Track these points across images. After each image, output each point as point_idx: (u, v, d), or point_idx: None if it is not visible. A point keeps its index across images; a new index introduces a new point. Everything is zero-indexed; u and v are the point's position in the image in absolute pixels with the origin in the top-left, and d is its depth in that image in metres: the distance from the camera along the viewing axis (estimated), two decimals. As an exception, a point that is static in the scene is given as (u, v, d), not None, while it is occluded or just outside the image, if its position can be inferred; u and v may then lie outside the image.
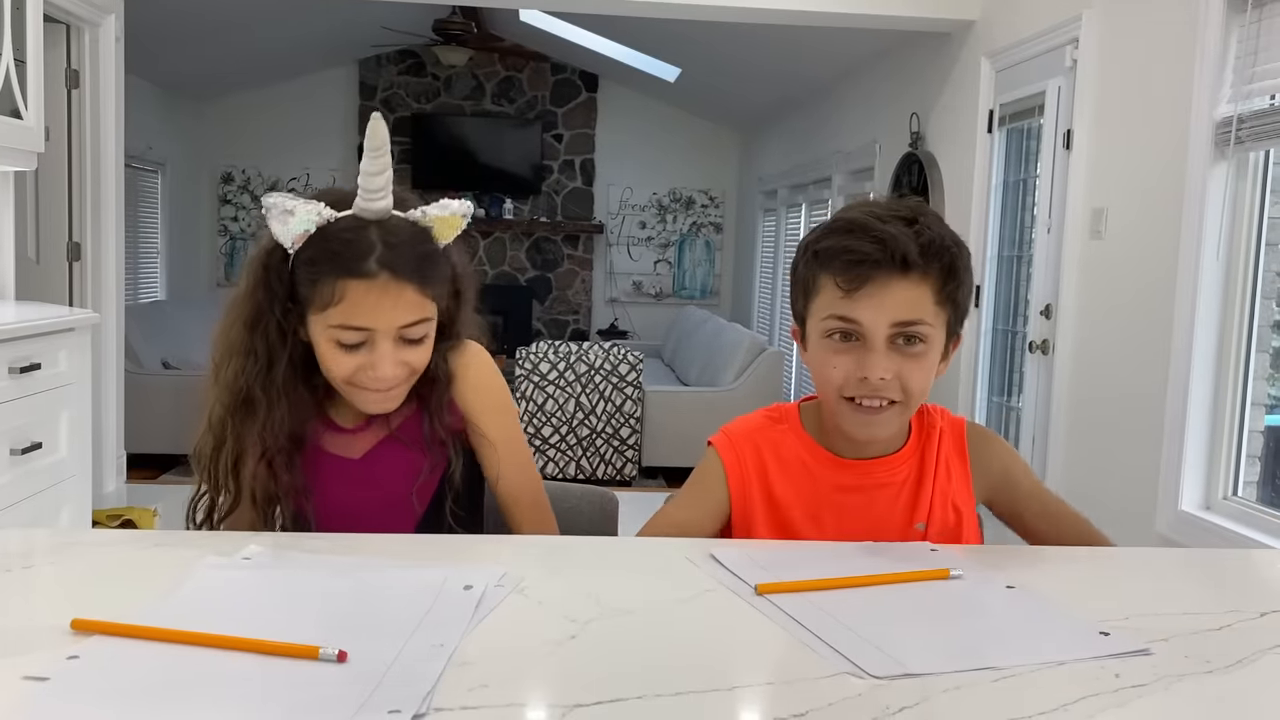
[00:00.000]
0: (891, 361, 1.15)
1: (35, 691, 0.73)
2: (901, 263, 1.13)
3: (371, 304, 1.18)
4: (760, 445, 1.27)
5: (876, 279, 1.13)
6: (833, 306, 1.16)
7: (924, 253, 1.14)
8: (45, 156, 3.30)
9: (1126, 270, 3.16)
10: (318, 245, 1.19)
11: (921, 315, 1.15)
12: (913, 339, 1.16)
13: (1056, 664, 0.83)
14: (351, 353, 1.21)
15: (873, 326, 1.15)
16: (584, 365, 5.22)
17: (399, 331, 1.21)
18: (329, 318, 1.19)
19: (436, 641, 0.83)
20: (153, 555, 1.05)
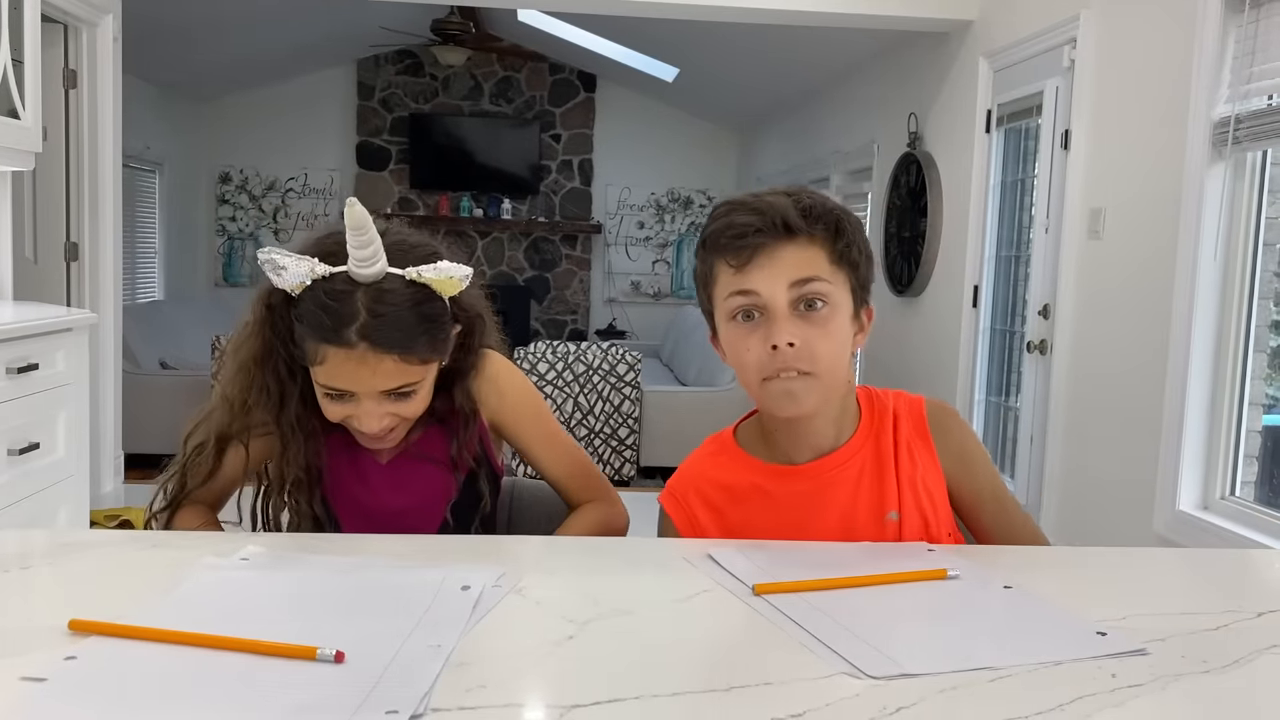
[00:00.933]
0: (796, 327, 1.13)
1: (33, 692, 0.73)
2: (785, 227, 1.14)
3: (350, 371, 1.19)
4: (704, 487, 1.25)
5: (765, 247, 1.13)
6: (729, 285, 1.16)
7: (805, 215, 1.14)
8: (43, 156, 3.30)
9: (1124, 270, 3.16)
10: (308, 301, 1.19)
11: (816, 272, 1.14)
12: (813, 301, 1.14)
13: (1053, 664, 0.83)
14: (339, 403, 1.23)
15: (771, 294, 1.14)
16: (582, 365, 5.22)
17: (383, 394, 1.22)
18: (315, 374, 1.22)
19: (434, 642, 0.83)
20: (150, 555, 1.05)
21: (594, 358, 5.24)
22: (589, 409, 5.23)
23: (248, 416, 1.30)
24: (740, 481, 1.23)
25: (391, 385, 1.21)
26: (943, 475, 1.23)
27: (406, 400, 1.24)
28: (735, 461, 1.25)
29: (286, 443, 1.28)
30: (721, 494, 1.24)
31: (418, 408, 1.26)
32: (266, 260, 1.20)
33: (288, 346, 1.24)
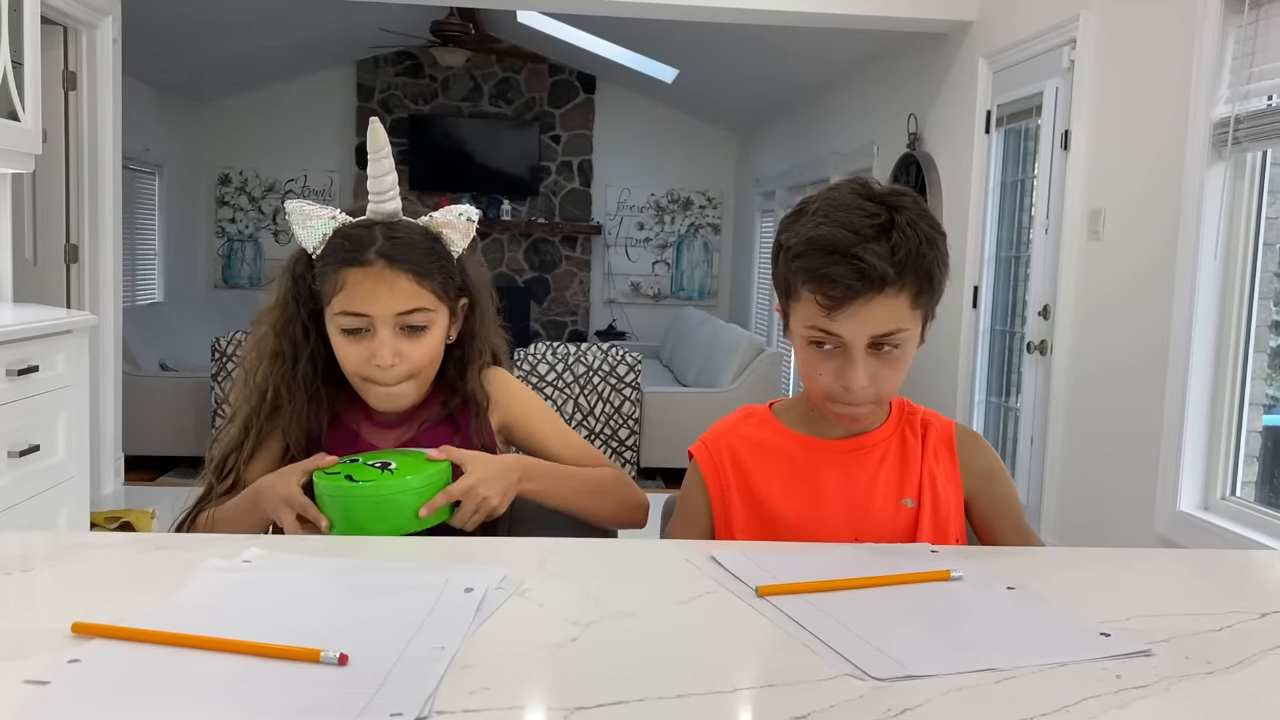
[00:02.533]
0: (869, 368, 1.20)
1: (36, 696, 0.73)
2: (879, 283, 1.16)
3: (367, 290, 1.26)
4: (735, 443, 1.32)
5: (857, 299, 1.16)
6: (813, 319, 1.19)
7: (900, 269, 1.16)
8: (42, 158, 3.30)
9: (1124, 271, 3.16)
10: (330, 243, 1.30)
11: (898, 325, 1.19)
12: (888, 346, 1.20)
13: (1058, 665, 0.83)
14: (356, 341, 1.28)
15: (852, 339, 1.18)
16: (582, 366, 5.22)
17: (397, 319, 1.27)
18: (334, 307, 1.28)
19: (438, 644, 0.83)
20: (152, 558, 1.05)
21: (594, 359, 5.24)
22: (589, 410, 5.23)
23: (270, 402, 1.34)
24: (770, 443, 1.30)
25: (406, 305, 1.27)
26: (961, 491, 1.30)
27: (418, 339, 1.30)
28: (768, 426, 1.33)
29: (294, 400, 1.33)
30: (751, 451, 1.30)
31: (426, 353, 1.31)
32: (295, 209, 1.30)
33: (309, 309, 1.33)
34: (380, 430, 1.40)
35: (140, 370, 5.24)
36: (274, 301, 1.36)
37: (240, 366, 1.40)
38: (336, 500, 1.20)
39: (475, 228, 1.36)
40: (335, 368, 1.34)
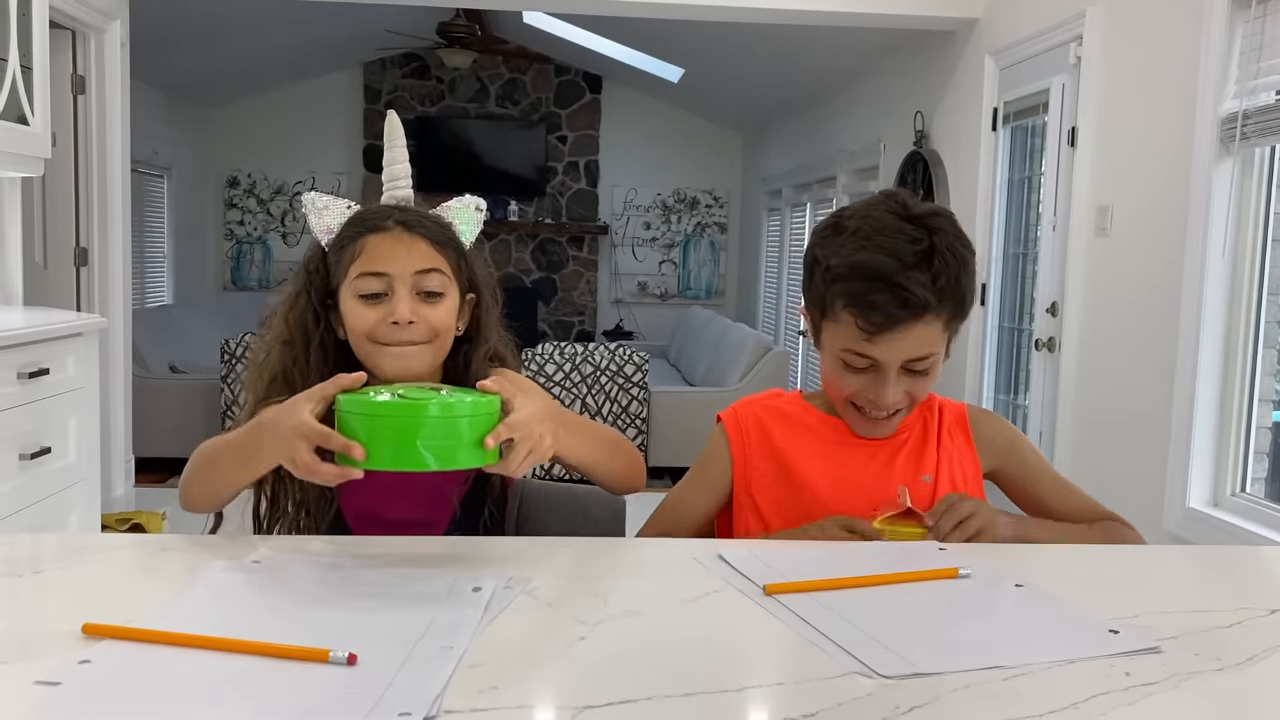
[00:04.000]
0: (901, 385, 1.26)
1: (47, 696, 0.74)
2: (920, 311, 1.21)
3: (387, 250, 1.28)
4: (762, 414, 1.37)
5: (898, 325, 1.21)
6: (851, 343, 1.24)
7: (940, 297, 1.21)
8: (52, 162, 3.31)
9: (1132, 267, 3.15)
10: (347, 224, 1.32)
11: (933, 349, 1.25)
12: (920, 370, 1.26)
13: (1066, 663, 0.83)
14: (374, 305, 1.28)
15: (888, 362, 1.24)
16: (589, 366, 5.23)
17: (415, 280, 1.28)
18: (352, 273, 1.29)
19: (446, 644, 0.83)
20: (162, 559, 1.06)
21: (601, 358, 5.24)
22: (596, 410, 5.23)
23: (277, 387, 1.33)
24: (798, 417, 1.36)
25: (422, 265, 1.28)
26: (979, 468, 1.36)
27: (435, 304, 1.30)
28: (798, 405, 1.39)
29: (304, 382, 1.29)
30: (778, 422, 1.36)
31: (443, 318, 1.31)
32: (311, 200, 1.34)
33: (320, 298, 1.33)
34: None
35: (150, 372, 5.26)
36: (288, 294, 1.37)
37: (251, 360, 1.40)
38: (385, 421, 1.02)
39: (484, 218, 1.40)
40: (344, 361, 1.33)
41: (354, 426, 1.03)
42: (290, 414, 1.07)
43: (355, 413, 1.03)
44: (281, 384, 1.33)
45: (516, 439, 1.07)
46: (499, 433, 1.05)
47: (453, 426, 1.03)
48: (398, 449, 1.01)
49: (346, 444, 1.02)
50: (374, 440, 1.01)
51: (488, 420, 1.05)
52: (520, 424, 1.07)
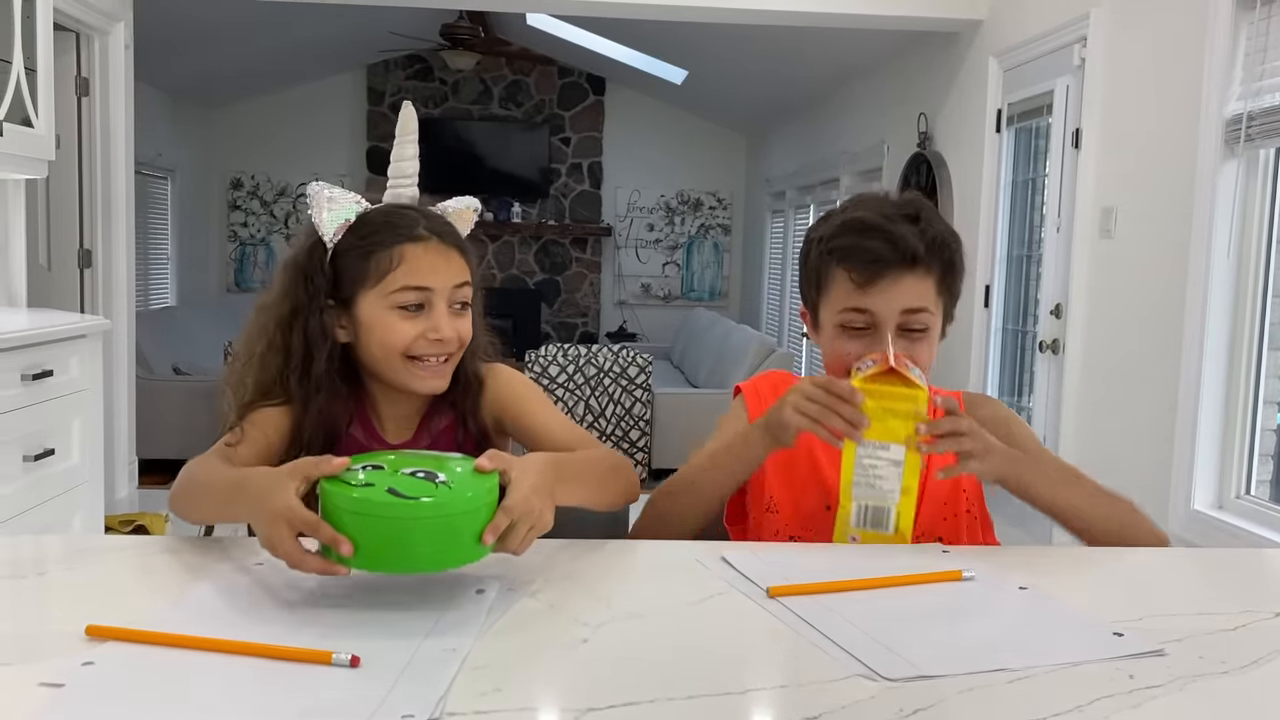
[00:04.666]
0: (899, 346, 1.25)
1: (51, 698, 0.74)
2: (910, 259, 1.25)
3: (429, 263, 1.25)
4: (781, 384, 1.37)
5: (889, 275, 1.25)
6: (848, 299, 1.27)
7: (929, 249, 1.26)
8: (56, 164, 3.31)
9: (1137, 269, 3.15)
10: (363, 226, 1.26)
11: (926, 304, 1.27)
12: (915, 328, 1.27)
13: (1070, 665, 0.83)
14: (412, 318, 1.25)
15: (884, 315, 1.26)
16: (593, 368, 5.23)
17: (451, 293, 1.27)
18: (388, 284, 1.24)
19: (449, 646, 0.83)
20: (165, 561, 1.06)
21: (605, 360, 5.24)
22: (600, 411, 5.23)
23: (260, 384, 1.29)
24: None
25: (460, 278, 1.28)
26: None
27: (463, 316, 1.29)
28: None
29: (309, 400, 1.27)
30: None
31: (469, 329, 1.30)
32: (317, 192, 1.27)
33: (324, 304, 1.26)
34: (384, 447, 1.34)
35: (153, 374, 5.27)
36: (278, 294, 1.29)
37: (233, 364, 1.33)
38: (376, 522, 0.92)
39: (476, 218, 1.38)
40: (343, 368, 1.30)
41: (340, 521, 0.92)
42: (274, 493, 0.96)
43: (343, 507, 0.93)
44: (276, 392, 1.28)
45: (516, 519, 0.98)
46: (497, 525, 0.97)
47: (449, 526, 0.93)
48: (389, 550, 0.92)
49: (335, 538, 0.92)
50: (362, 538, 0.92)
51: (487, 510, 0.96)
52: (517, 506, 0.99)
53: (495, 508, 0.97)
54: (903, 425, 1.13)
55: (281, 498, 0.95)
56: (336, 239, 1.26)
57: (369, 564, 0.92)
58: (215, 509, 1.13)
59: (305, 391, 1.28)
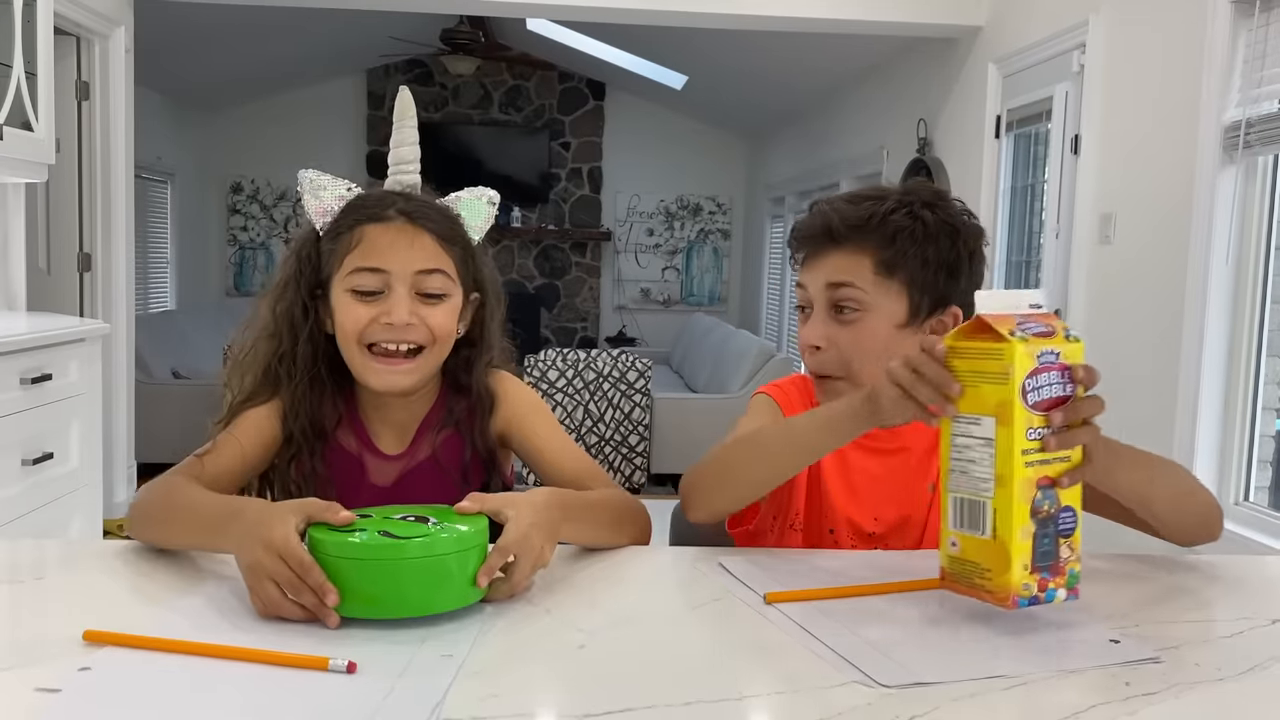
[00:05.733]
0: (827, 328, 1.23)
1: (47, 703, 0.74)
2: (830, 234, 1.22)
3: (387, 243, 1.18)
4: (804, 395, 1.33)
5: (815, 251, 1.25)
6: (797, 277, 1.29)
7: (856, 226, 1.21)
8: (56, 168, 3.32)
9: (1136, 275, 3.15)
10: (344, 209, 1.23)
11: (852, 279, 1.21)
12: (844, 307, 1.22)
13: (1067, 672, 0.83)
14: (367, 302, 1.18)
15: (815, 291, 1.25)
16: (592, 373, 5.23)
17: (415, 279, 1.19)
18: (346, 266, 1.19)
19: (446, 652, 0.83)
20: (164, 566, 1.06)
21: (604, 365, 5.24)
22: (599, 416, 5.23)
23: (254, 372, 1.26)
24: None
25: (425, 264, 1.19)
26: None
27: (435, 305, 1.20)
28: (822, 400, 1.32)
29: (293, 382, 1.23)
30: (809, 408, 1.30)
31: (442, 321, 1.21)
32: (308, 178, 1.24)
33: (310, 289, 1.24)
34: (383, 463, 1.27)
35: (153, 378, 5.27)
36: (276, 281, 1.27)
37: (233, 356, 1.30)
38: (376, 566, 0.89)
39: (495, 212, 1.31)
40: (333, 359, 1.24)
41: (332, 568, 0.89)
42: (272, 524, 0.91)
43: (334, 554, 0.89)
44: (265, 383, 1.25)
45: (518, 555, 0.95)
46: (490, 565, 0.93)
47: (446, 566, 0.91)
48: (382, 594, 0.89)
49: (324, 586, 0.88)
50: (354, 583, 0.89)
51: (478, 551, 0.93)
52: (515, 543, 0.95)
53: (486, 548, 0.95)
54: (993, 390, 0.88)
55: (279, 529, 0.90)
56: (326, 221, 1.23)
57: (361, 610, 0.89)
58: (194, 534, 1.05)
59: (289, 374, 1.23)
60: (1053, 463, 0.89)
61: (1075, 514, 0.90)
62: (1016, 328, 0.88)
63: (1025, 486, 0.87)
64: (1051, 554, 0.89)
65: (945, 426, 0.93)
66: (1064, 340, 0.89)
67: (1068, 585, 0.90)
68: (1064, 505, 0.89)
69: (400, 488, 1.27)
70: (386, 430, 1.29)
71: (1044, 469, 0.88)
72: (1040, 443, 0.88)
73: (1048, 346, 0.88)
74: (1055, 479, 0.89)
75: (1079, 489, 0.91)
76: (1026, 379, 0.86)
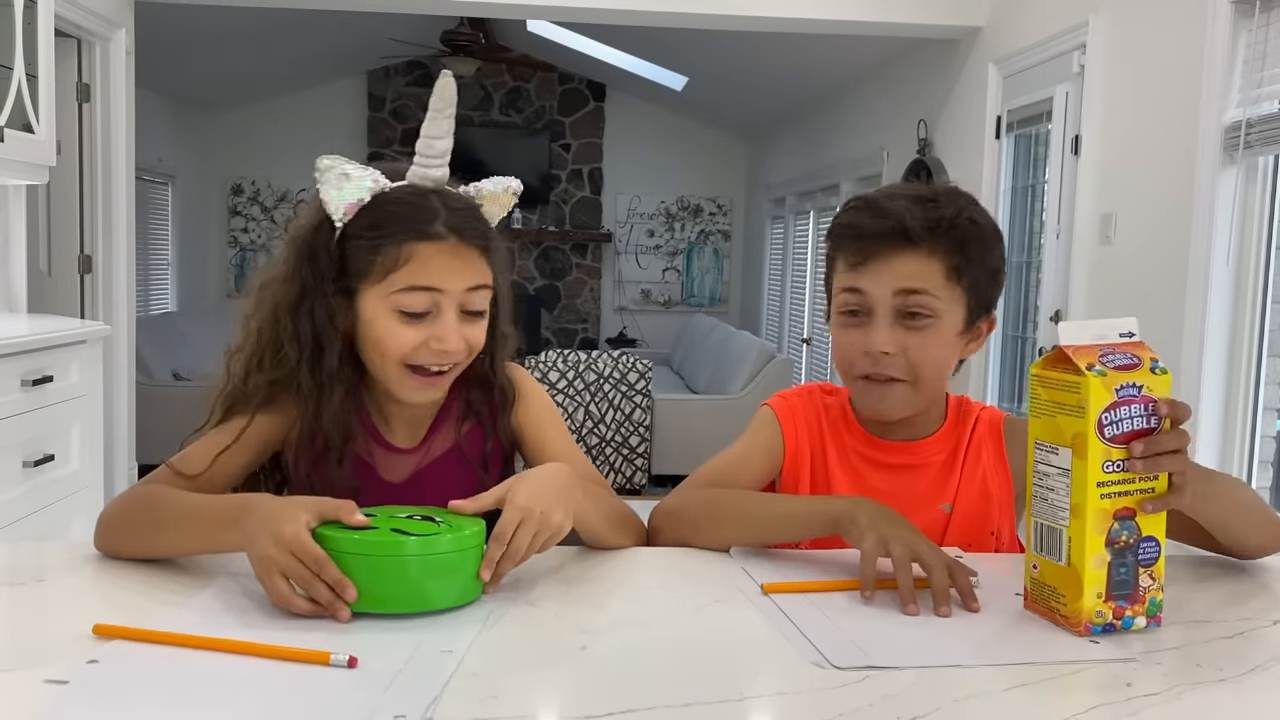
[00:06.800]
0: (895, 334, 1.16)
1: (55, 695, 0.75)
2: (903, 235, 1.15)
3: (440, 265, 1.13)
4: (810, 414, 1.29)
5: (880, 253, 1.16)
6: (842, 280, 1.20)
7: (932, 229, 1.15)
8: (56, 170, 3.32)
9: (1136, 275, 3.15)
10: (376, 211, 1.14)
11: (926, 285, 1.16)
12: (917, 313, 1.16)
13: (1070, 673, 0.83)
14: (415, 324, 1.13)
15: (877, 297, 1.17)
16: (593, 374, 5.23)
17: (463, 298, 1.15)
18: (392, 283, 1.12)
19: (446, 648, 0.84)
20: (166, 567, 1.06)
21: (605, 366, 5.24)
22: (600, 417, 5.23)
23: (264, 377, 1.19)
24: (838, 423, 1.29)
25: (475, 281, 1.15)
26: (1012, 487, 1.27)
27: (476, 323, 1.17)
28: (839, 412, 1.29)
29: (322, 395, 1.17)
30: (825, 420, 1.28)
31: (482, 335, 1.19)
32: (330, 166, 1.15)
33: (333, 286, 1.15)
34: (395, 458, 1.24)
35: (154, 380, 5.27)
36: (284, 274, 1.18)
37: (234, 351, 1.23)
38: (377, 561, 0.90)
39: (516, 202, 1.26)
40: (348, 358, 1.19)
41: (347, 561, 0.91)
42: (284, 520, 0.91)
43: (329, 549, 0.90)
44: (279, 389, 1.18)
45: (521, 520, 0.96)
46: (490, 556, 0.94)
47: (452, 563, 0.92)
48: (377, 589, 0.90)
49: (342, 580, 0.89)
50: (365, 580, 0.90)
51: (478, 550, 0.95)
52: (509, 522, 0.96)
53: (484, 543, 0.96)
54: (1069, 422, 0.90)
55: (290, 525, 0.90)
56: (347, 219, 1.14)
57: (374, 605, 0.90)
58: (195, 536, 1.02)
59: (318, 387, 1.17)
60: (1133, 494, 0.90)
61: (1158, 544, 0.91)
62: (1098, 360, 0.90)
63: (1100, 518, 0.89)
64: (1129, 583, 0.91)
65: (1030, 452, 0.95)
66: (1149, 373, 0.90)
67: (1148, 613, 0.92)
68: (1145, 535, 0.91)
69: (416, 483, 1.24)
70: (397, 425, 1.25)
71: (1122, 500, 0.90)
72: (1120, 474, 0.89)
73: (1129, 380, 0.89)
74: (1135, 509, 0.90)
75: (1162, 519, 0.91)
76: (1103, 413, 0.88)
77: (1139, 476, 0.90)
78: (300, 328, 1.17)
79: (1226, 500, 1.04)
